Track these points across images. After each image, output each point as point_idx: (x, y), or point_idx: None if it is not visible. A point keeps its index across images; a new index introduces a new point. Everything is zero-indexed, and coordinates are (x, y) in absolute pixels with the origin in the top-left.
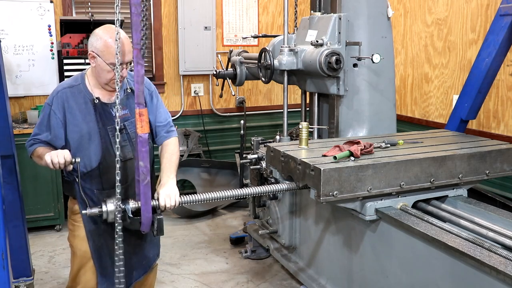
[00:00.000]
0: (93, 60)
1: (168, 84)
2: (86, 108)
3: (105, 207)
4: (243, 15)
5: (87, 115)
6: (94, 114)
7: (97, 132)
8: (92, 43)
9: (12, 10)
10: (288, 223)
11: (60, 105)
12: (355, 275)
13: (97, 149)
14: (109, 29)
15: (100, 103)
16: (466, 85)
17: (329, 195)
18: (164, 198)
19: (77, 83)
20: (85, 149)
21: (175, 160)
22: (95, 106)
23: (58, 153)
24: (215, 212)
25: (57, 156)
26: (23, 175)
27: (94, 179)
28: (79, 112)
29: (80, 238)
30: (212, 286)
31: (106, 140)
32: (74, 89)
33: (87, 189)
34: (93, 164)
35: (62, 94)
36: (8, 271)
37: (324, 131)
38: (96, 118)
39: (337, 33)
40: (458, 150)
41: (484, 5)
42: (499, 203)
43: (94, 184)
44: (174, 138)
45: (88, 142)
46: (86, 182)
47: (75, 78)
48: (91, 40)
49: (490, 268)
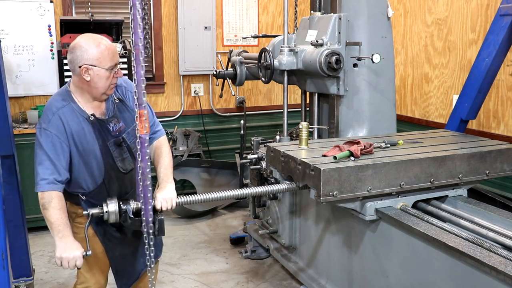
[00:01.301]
0: (87, 74)
1: (168, 84)
2: (85, 127)
3: (106, 207)
4: (243, 15)
5: (87, 133)
6: (93, 132)
7: (98, 149)
8: (79, 57)
9: (12, 10)
10: (288, 223)
11: (61, 127)
12: (355, 275)
13: (101, 166)
14: (89, 37)
15: (96, 119)
16: (466, 85)
17: (329, 195)
18: (161, 201)
19: (67, 103)
20: (89, 168)
21: (169, 162)
22: (92, 124)
23: (70, 259)
24: (215, 212)
25: (67, 263)
26: (23, 175)
27: (101, 194)
28: (78, 132)
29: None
30: (212, 286)
31: (107, 156)
32: (66, 108)
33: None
34: (98, 181)
35: (61, 115)
36: (8, 271)
37: (324, 131)
38: (95, 135)
39: (337, 33)
40: (458, 150)
41: (484, 5)
42: (499, 203)
43: (102, 197)
44: (163, 137)
45: (91, 161)
46: (93, 199)
47: (63, 97)
48: (77, 54)
49: (490, 268)
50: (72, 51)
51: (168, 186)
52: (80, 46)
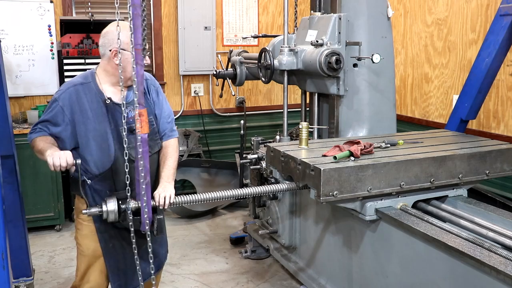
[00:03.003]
0: (116, 57)
1: (168, 84)
2: (98, 108)
3: (105, 206)
4: (243, 15)
5: (99, 115)
6: (107, 115)
7: (109, 133)
8: (110, 41)
9: (12, 10)
10: (288, 223)
11: (69, 102)
12: (355, 275)
13: (110, 150)
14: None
15: (112, 103)
16: (466, 85)
17: (329, 195)
18: (159, 195)
19: (88, 81)
20: (98, 149)
21: (174, 164)
22: (107, 107)
23: (60, 154)
24: (215, 212)
25: (59, 158)
26: (23, 175)
27: (107, 181)
28: (91, 111)
29: (88, 237)
30: (212, 286)
31: (119, 141)
32: (84, 86)
33: (99, 190)
34: (106, 166)
35: (73, 91)
36: (8, 271)
37: (324, 131)
38: (108, 118)
39: (337, 33)
40: (458, 150)
41: (484, 5)
42: (499, 203)
43: (107, 185)
44: (175, 139)
45: (100, 143)
46: (97, 184)
47: (85, 76)
48: (108, 38)
49: (490, 268)
50: (105, 35)
51: (166, 184)
52: (112, 31)
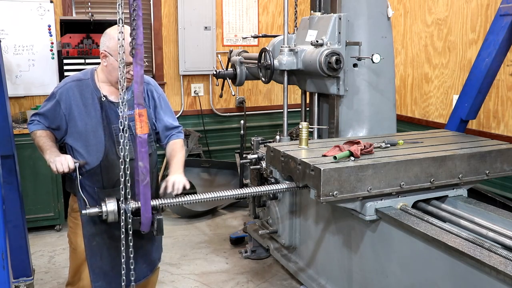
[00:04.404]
0: (105, 59)
1: (168, 84)
2: (92, 104)
3: (105, 207)
4: (243, 15)
5: (92, 111)
6: (100, 112)
7: (101, 129)
8: (104, 43)
9: (12, 10)
10: (288, 223)
11: (66, 97)
12: (355, 275)
13: (100, 147)
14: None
15: (107, 101)
16: (466, 85)
17: (329, 195)
18: (172, 182)
19: (86, 78)
20: (87, 145)
21: (182, 158)
22: (102, 104)
23: (62, 160)
24: (215, 212)
25: (61, 165)
26: (23, 175)
27: (95, 177)
28: (84, 106)
29: (81, 235)
30: (212, 286)
31: (109, 138)
32: (82, 83)
33: (87, 186)
34: (95, 162)
35: (69, 87)
36: (8, 271)
37: (324, 131)
38: (102, 115)
39: (337, 33)
40: (458, 150)
41: (484, 5)
42: (499, 203)
43: (95, 182)
44: (182, 139)
45: (91, 139)
46: (87, 180)
47: (85, 73)
48: (103, 39)
49: (490, 268)
50: (103, 35)
51: (177, 173)
52: (108, 33)
